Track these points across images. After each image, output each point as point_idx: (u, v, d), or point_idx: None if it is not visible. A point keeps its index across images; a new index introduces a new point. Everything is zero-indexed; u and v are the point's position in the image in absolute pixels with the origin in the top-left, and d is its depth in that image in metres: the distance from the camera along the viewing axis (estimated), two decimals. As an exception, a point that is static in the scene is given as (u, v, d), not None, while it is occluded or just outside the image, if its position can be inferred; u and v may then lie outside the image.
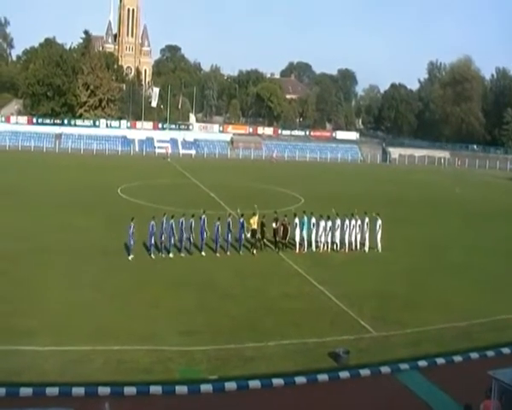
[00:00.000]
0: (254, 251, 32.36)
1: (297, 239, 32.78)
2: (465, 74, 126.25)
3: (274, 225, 32.78)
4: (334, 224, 33.15)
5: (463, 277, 30.17)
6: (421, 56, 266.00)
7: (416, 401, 17.31)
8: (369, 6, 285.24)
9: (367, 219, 33.87)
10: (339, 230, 33.26)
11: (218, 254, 31.40)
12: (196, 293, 25.24)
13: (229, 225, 31.71)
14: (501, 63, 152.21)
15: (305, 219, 32.95)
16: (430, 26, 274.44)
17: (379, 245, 33.88)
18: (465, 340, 21.54)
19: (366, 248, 33.81)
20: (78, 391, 16.30)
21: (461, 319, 23.35)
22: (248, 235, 32.63)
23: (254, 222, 32.46)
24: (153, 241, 30.41)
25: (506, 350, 20.90)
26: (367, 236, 33.82)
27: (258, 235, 32.66)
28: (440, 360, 19.80)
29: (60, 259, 29.24)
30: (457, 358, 20.09)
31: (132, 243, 30.09)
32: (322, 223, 32.94)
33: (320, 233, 32.89)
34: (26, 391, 16.10)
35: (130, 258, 29.99)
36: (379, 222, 33.85)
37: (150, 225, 30.08)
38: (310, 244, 33.01)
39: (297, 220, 32.91)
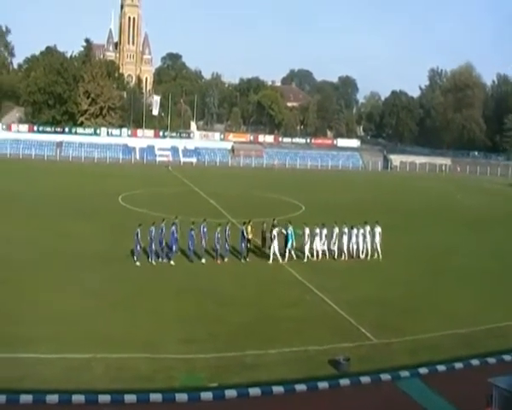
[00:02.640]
0: (247, 259, 32.25)
1: (269, 251, 32.32)
2: (466, 81, 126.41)
3: (275, 232, 32.75)
4: (331, 232, 32.99)
5: (464, 283, 30.11)
6: (422, 63, 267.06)
7: (416, 409, 17.24)
8: (369, 13, 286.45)
9: (368, 229, 33.68)
10: (337, 238, 33.13)
11: (218, 262, 31.41)
12: (197, 301, 25.21)
13: (226, 232, 31.69)
14: (502, 69, 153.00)
15: (291, 229, 32.38)
16: (431, 32, 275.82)
17: (379, 252, 33.83)
18: (466, 347, 21.46)
19: (368, 257, 33.61)
20: (79, 398, 16.26)
21: (462, 326, 23.28)
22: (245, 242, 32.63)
23: (250, 231, 32.55)
24: (153, 247, 30.51)
25: (507, 357, 20.80)
26: (368, 245, 33.70)
27: (257, 241, 32.58)
28: (441, 367, 19.70)
29: (61, 266, 29.26)
30: (458, 365, 20.00)
31: (139, 248, 30.30)
32: (318, 231, 32.66)
33: (318, 241, 32.66)
34: (26, 398, 16.06)
35: (137, 264, 30.10)
36: (378, 230, 33.75)
37: (150, 232, 30.21)
38: (305, 253, 32.61)
39: (284, 230, 32.43)
